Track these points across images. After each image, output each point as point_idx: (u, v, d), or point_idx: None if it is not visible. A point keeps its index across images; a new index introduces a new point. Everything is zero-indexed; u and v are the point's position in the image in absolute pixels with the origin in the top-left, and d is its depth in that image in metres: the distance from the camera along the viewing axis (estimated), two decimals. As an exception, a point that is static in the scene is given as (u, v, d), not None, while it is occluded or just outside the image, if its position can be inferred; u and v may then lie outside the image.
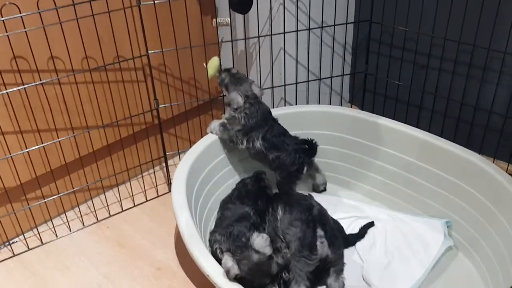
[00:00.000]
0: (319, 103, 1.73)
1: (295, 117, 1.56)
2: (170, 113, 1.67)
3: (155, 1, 1.37)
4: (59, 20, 1.26)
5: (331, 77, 1.69)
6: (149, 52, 1.45)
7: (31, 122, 1.37)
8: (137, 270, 1.37)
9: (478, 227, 1.29)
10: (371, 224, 1.43)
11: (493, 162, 1.49)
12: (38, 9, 1.21)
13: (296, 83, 1.64)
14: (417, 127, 1.68)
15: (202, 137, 1.49)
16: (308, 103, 1.72)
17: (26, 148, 1.36)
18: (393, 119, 1.70)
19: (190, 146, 1.46)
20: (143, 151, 1.68)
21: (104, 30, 1.38)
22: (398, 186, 1.48)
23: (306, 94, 1.70)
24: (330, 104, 1.78)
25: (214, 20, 1.51)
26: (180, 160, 1.40)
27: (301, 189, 1.48)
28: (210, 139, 1.46)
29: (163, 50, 1.47)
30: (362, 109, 1.86)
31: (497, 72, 1.43)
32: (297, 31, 1.55)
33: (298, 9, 1.56)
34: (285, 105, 1.69)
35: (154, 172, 1.70)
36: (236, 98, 1.40)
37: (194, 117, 1.77)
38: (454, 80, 1.52)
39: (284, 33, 1.54)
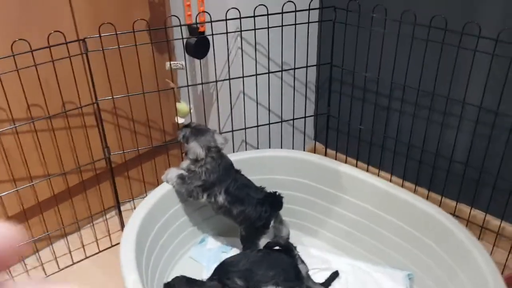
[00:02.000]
0: (281, 144, 1.69)
1: (257, 162, 1.51)
2: (123, 157, 1.59)
3: (104, 49, 1.29)
4: (-3, 71, 1.17)
5: (293, 119, 1.65)
6: (99, 100, 1.37)
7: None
8: (86, 334, 1.29)
9: (439, 282, 1.26)
10: (336, 275, 1.38)
11: (456, 205, 1.48)
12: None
13: (257, 126, 1.59)
14: (380, 167, 1.67)
15: (157, 178, 1.41)
16: (270, 145, 1.67)
17: (-38, 206, 1.26)
18: (357, 158, 1.68)
19: (145, 189, 1.38)
20: (95, 197, 1.59)
21: (49, 77, 1.30)
22: (360, 235, 1.44)
23: (268, 135, 1.65)
24: (293, 143, 1.73)
25: (168, 63, 1.45)
26: (134, 204, 1.33)
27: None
28: (162, 191, 1.39)
29: (114, 97, 1.39)
30: (326, 147, 1.83)
31: (457, 117, 1.42)
32: (256, 74, 1.50)
33: (257, 51, 1.51)
34: (246, 148, 1.63)
35: (106, 220, 1.61)
36: (195, 148, 1.33)
37: (149, 159, 1.70)
38: (415, 124, 1.50)
39: (243, 77, 1.49)
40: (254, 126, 1.59)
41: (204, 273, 1.39)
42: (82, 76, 1.37)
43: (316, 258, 1.44)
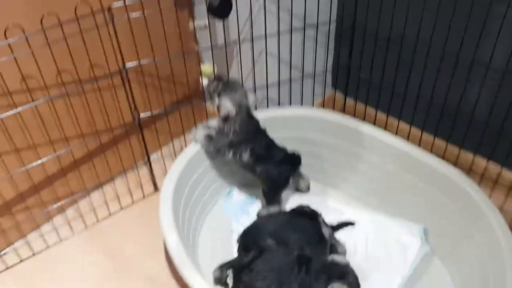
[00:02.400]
0: (302, 97, 1.71)
1: (278, 121, 1.55)
2: (150, 113, 1.63)
3: (129, 16, 1.29)
4: (29, 46, 1.19)
5: (314, 75, 1.66)
6: (126, 66, 1.39)
7: (10, 144, 1.34)
8: (130, 281, 1.42)
9: (453, 238, 1.35)
10: (350, 223, 1.48)
11: (473, 157, 1.54)
12: (6, 38, 1.14)
13: (279, 83, 1.61)
14: (400, 117, 1.70)
15: (183, 129, 1.51)
16: (291, 98, 1.70)
17: (9, 173, 1.35)
18: (377, 107, 1.71)
19: (172, 139, 1.48)
20: (125, 151, 1.66)
21: (77, 44, 1.31)
22: (379, 190, 1.52)
23: (289, 89, 1.67)
24: (314, 92, 1.75)
25: (191, 23, 1.44)
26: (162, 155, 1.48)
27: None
28: (193, 149, 1.46)
29: (141, 63, 1.41)
30: (346, 95, 1.85)
31: (482, 75, 1.42)
32: (278, 34, 1.49)
33: (279, 9, 1.49)
34: (268, 105, 1.67)
35: (138, 171, 1.69)
36: (227, 104, 1.36)
37: (175, 110, 1.74)
38: (439, 79, 1.51)
39: (266, 36, 1.48)
40: (276, 83, 1.61)
41: (233, 225, 1.50)
42: (108, 40, 1.38)
43: (336, 210, 1.54)
